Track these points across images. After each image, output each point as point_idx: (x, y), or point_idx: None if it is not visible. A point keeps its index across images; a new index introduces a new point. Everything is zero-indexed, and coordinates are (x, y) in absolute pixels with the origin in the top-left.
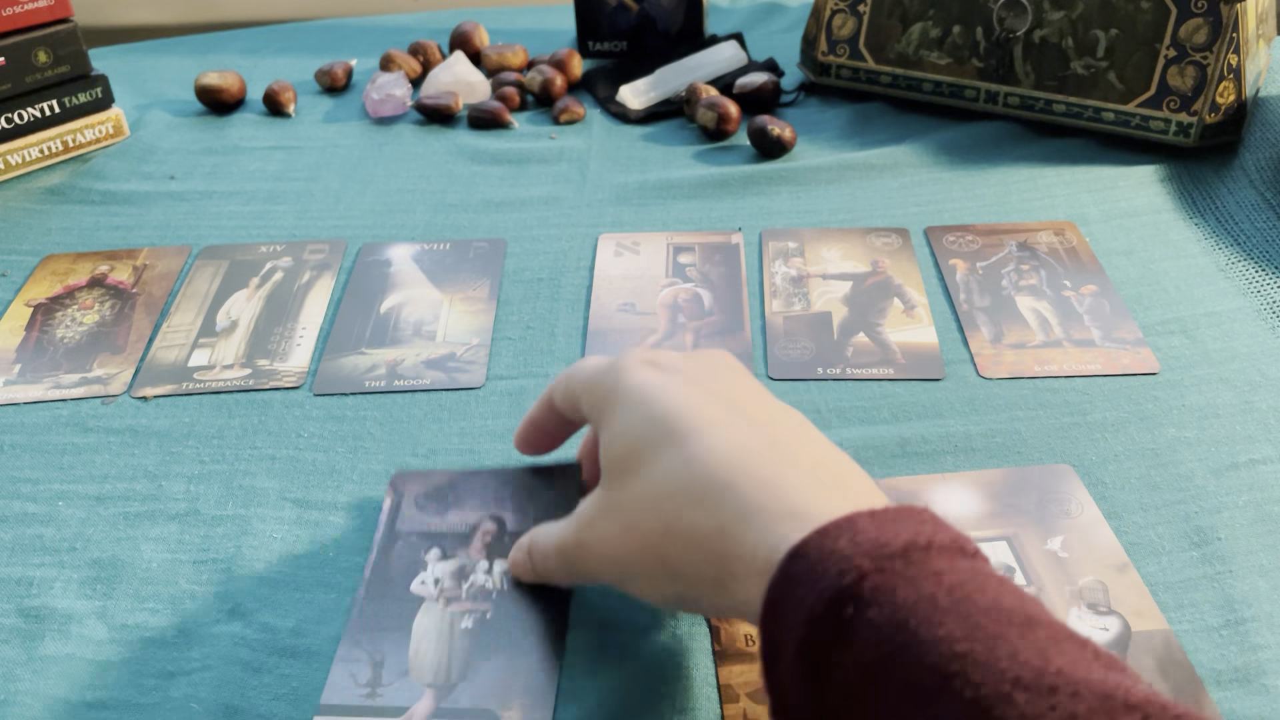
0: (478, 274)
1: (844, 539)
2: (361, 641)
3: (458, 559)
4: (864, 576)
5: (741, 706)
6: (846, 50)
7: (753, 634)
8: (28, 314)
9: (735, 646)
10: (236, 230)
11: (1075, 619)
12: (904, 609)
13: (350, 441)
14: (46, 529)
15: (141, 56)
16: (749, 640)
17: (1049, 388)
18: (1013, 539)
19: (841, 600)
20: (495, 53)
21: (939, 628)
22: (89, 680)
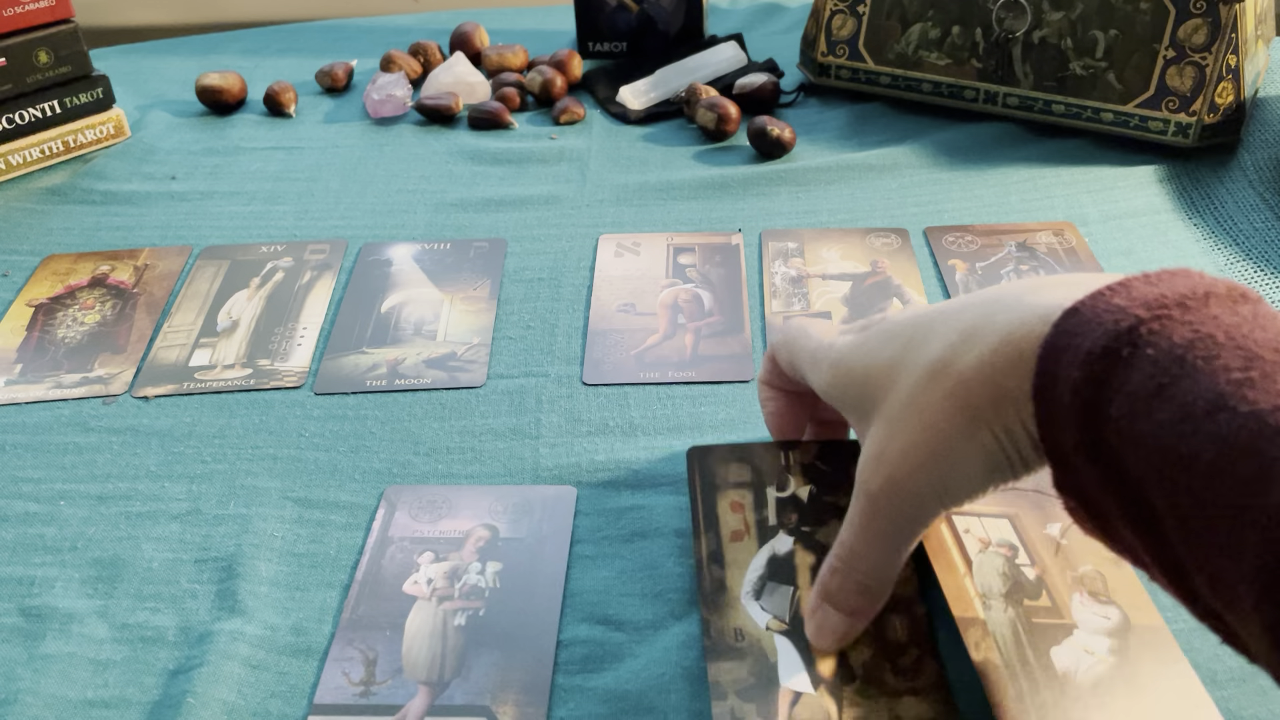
0: (478, 274)
1: (1119, 296)
2: (354, 640)
3: (450, 561)
4: (1141, 323)
5: (729, 704)
6: (846, 51)
7: (744, 628)
8: (29, 314)
9: (725, 642)
10: (237, 230)
11: (1078, 604)
12: (1181, 347)
13: (351, 441)
14: (48, 528)
15: (142, 57)
16: (738, 635)
17: None
18: (1014, 519)
19: (1117, 344)
20: (495, 53)
21: (1216, 360)
22: (90, 679)
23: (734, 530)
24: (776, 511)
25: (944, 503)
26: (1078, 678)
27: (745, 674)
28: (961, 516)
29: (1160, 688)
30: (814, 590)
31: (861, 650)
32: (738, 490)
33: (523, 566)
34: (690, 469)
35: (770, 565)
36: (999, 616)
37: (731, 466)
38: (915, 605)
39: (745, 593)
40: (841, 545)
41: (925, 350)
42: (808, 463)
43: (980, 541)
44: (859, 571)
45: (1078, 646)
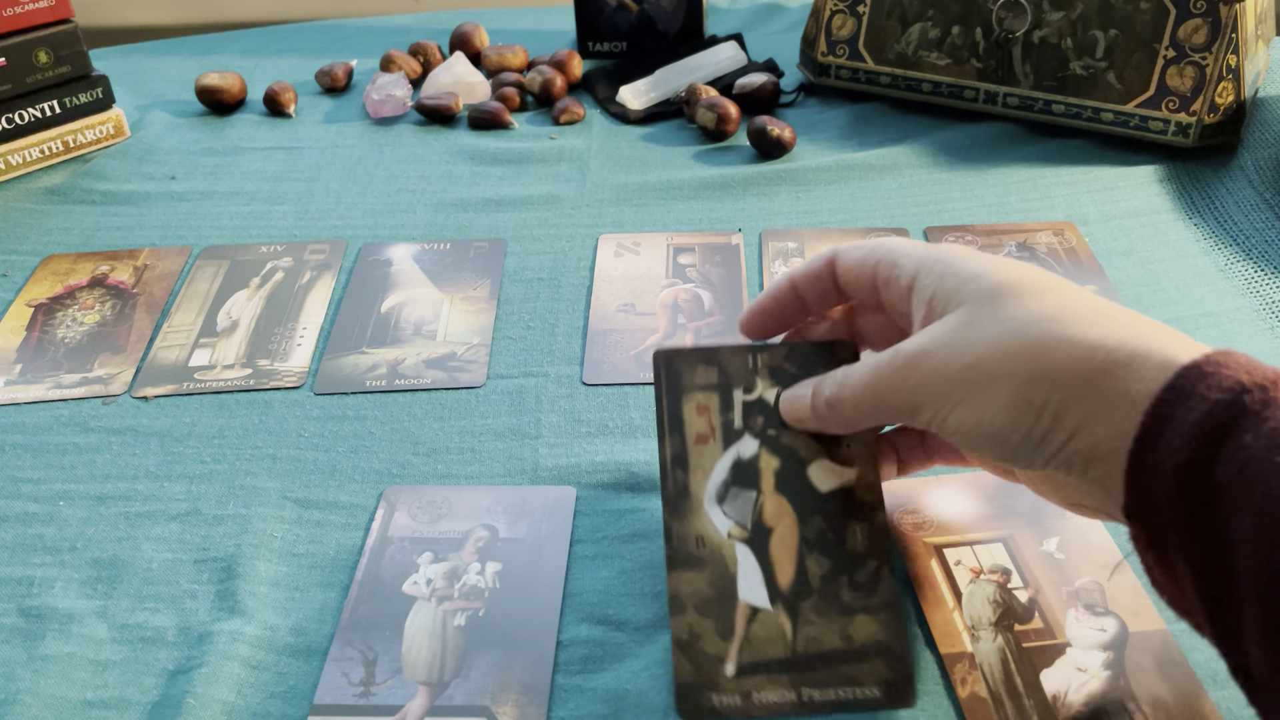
0: (478, 274)
1: (1229, 364)
2: (354, 641)
3: (450, 561)
4: (1247, 391)
5: (688, 619)
6: (846, 51)
7: (706, 535)
8: (28, 314)
9: (686, 549)
10: (237, 230)
11: (1073, 620)
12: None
13: (351, 441)
14: (47, 529)
15: (142, 57)
16: (700, 542)
17: None
18: (1008, 540)
19: (1233, 416)
20: (495, 53)
21: None
22: (89, 680)
23: (699, 433)
24: (743, 414)
25: (948, 415)
26: (1068, 698)
27: (704, 586)
28: (954, 548)
29: (1160, 690)
30: (812, 381)
31: (820, 560)
32: (704, 393)
33: (522, 567)
34: (656, 371)
35: (734, 470)
36: (987, 646)
37: (698, 369)
38: (876, 513)
39: (708, 497)
40: (844, 381)
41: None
42: (775, 365)
43: (971, 571)
44: (844, 404)
45: (1070, 665)
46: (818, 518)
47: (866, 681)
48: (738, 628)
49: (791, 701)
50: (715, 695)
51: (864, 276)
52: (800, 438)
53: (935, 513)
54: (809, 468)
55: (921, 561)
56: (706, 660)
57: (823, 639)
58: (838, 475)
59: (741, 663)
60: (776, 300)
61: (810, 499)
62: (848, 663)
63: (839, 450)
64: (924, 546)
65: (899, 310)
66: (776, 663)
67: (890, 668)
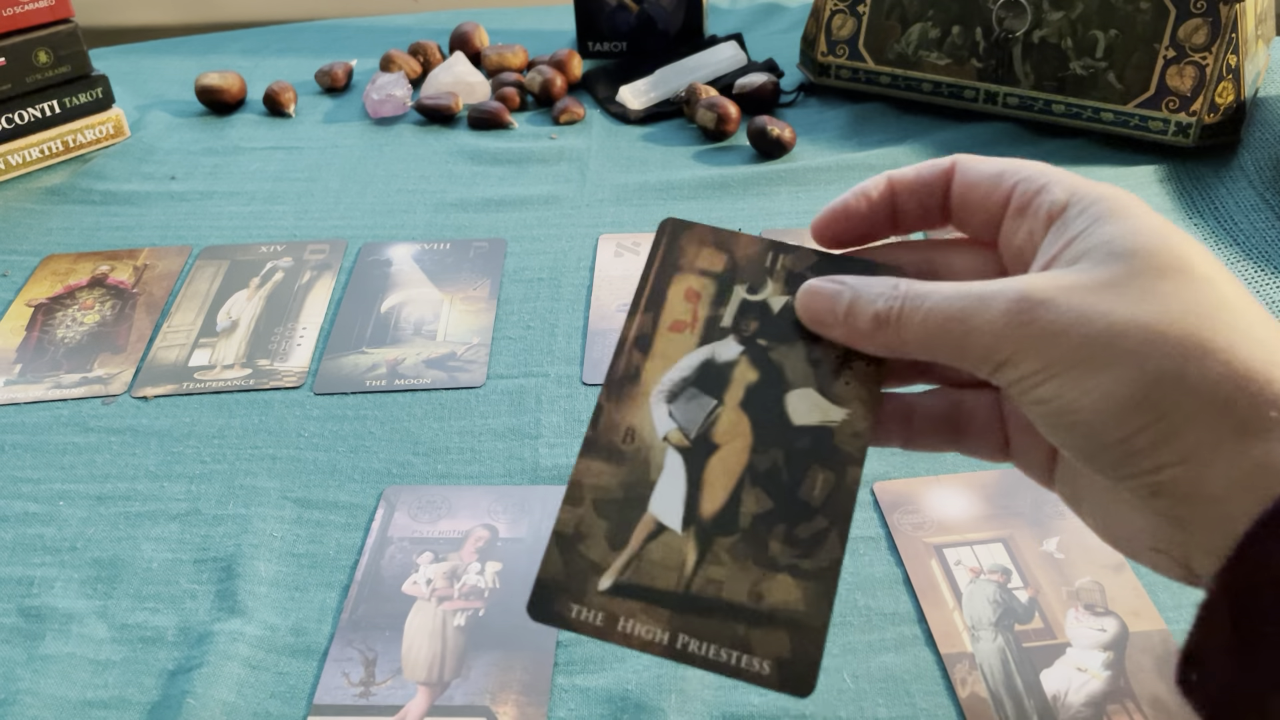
0: (478, 274)
1: None
2: (354, 641)
3: (449, 561)
4: None
5: (580, 513)
6: (846, 51)
7: (639, 429)
8: (28, 314)
9: (610, 439)
10: (237, 230)
11: (1073, 620)
12: None
13: (351, 441)
14: (47, 529)
15: (142, 57)
16: (629, 435)
17: None
18: (1008, 541)
19: None
20: (495, 53)
21: None
22: (89, 680)
23: (677, 319)
24: (736, 313)
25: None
26: (1068, 698)
27: (613, 483)
28: (954, 547)
29: (1161, 691)
30: (855, 281)
31: (760, 498)
32: (701, 278)
33: (522, 567)
34: (658, 239)
35: (702, 370)
36: (987, 647)
37: (705, 251)
38: (850, 468)
39: (659, 391)
40: (919, 295)
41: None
42: (798, 271)
43: (971, 571)
44: (905, 324)
45: (1070, 665)
46: (777, 450)
47: (759, 651)
48: (633, 541)
49: (661, 643)
50: (575, 605)
51: (993, 195)
52: (795, 358)
53: (935, 512)
54: (790, 393)
55: (921, 561)
56: (582, 564)
57: (726, 586)
58: (821, 411)
59: (621, 580)
60: (867, 202)
61: (777, 427)
62: (746, 623)
63: (834, 384)
64: (923, 546)
65: (1019, 245)
66: (661, 594)
67: (794, 645)
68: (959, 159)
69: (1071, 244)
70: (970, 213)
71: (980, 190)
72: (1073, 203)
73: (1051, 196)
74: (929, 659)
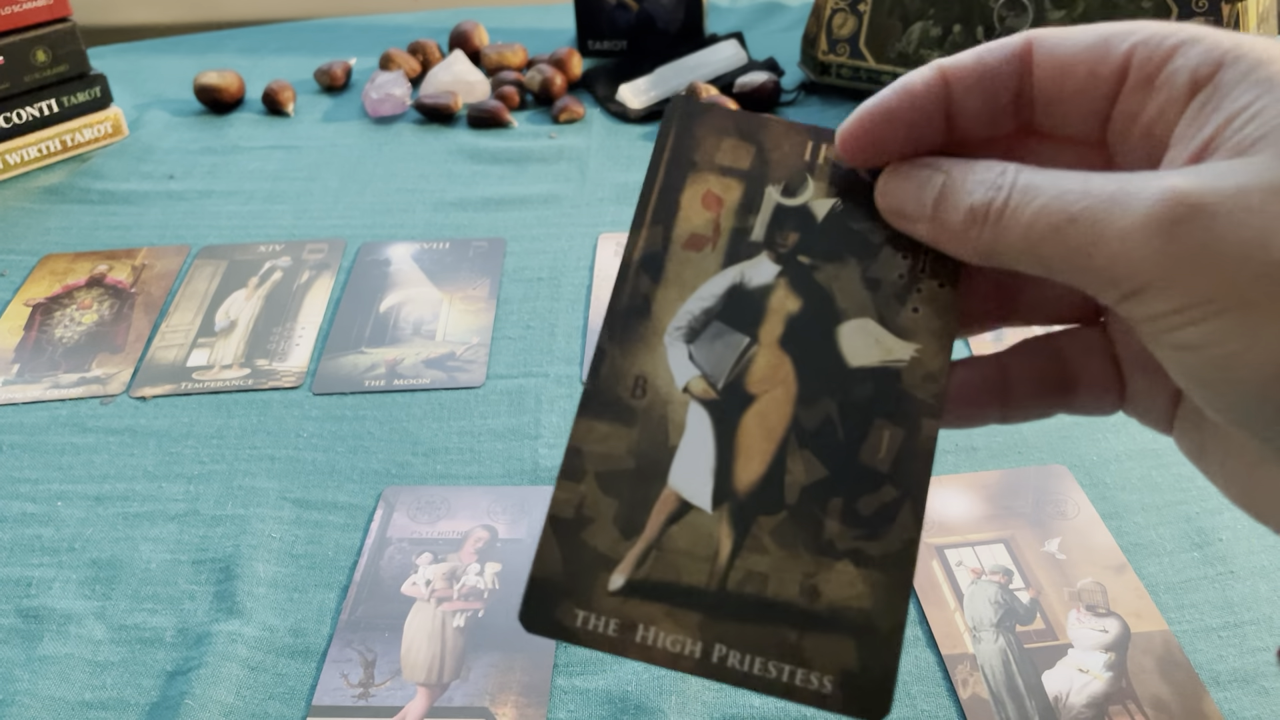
0: (477, 273)
1: None
2: (352, 642)
3: (449, 562)
4: None
5: (582, 491)
6: (847, 49)
7: (650, 378)
8: (26, 314)
9: (614, 393)
10: (235, 230)
11: (1074, 621)
12: None
13: (350, 441)
14: (45, 529)
15: (140, 56)
16: (638, 387)
17: None
18: (1010, 541)
19: None
20: (495, 52)
21: None
22: (88, 680)
23: (695, 232)
24: (770, 223)
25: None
26: (1069, 699)
27: (623, 450)
28: (955, 548)
29: (1162, 691)
30: (955, 162)
31: (811, 464)
32: (724, 178)
33: (522, 567)
34: (665, 127)
35: (729, 299)
36: (989, 648)
37: (727, 142)
38: (924, 421)
39: (675, 328)
40: (1030, 188)
41: None
42: (847, 167)
43: (972, 572)
44: (1012, 219)
45: (1072, 666)
46: (829, 401)
47: (818, 663)
48: (651, 525)
49: (691, 656)
50: (580, 611)
51: (1099, 71)
52: (848, 279)
53: (936, 513)
54: (843, 325)
55: (922, 562)
56: (587, 556)
57: (773, 580)
58: (883, 347)
59: (637, 577)
60: (910, 100)
61: (829, 370)
62: (799, 627)
63: (899, 311)
64: (924, 547)
65: (1145, 128)
66: (690, 593)
67: (862, 654)
68: (1035, 35)
69: (1234, 124)
70: (1065, 104)
71: (1079, 69)
72: (1228, 63)
73: (1193, 57)
74: (930, 660)
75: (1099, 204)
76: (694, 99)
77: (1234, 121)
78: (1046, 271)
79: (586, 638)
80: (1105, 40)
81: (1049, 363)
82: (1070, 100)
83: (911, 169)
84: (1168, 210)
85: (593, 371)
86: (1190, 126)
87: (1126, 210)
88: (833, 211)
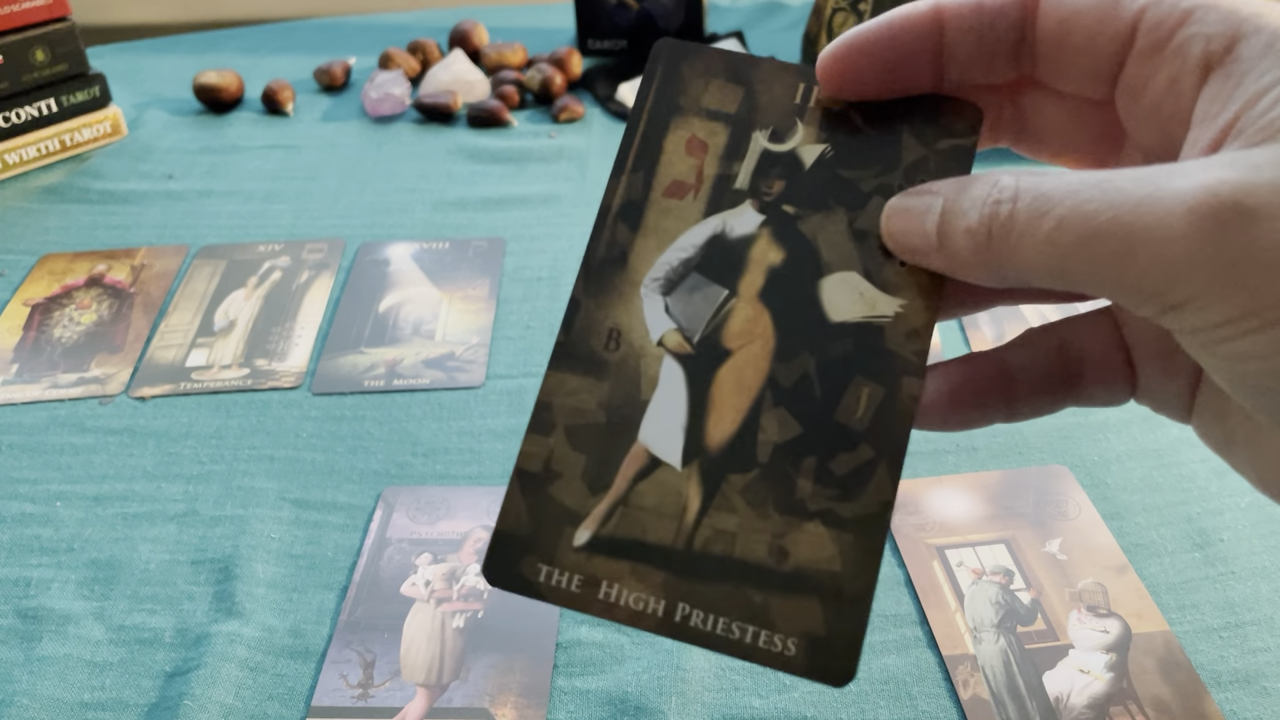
0: (477, 273)
1: None
2: (352, 643)
3: (448, 563)
4: None
5: (550, 444)
6: None
7: (625, 330)
8: (25, 314)
9: (588, 345)
10: (234, 229)
11: (1075, 621)
12: None
13: (349, 441)
14: (44, 529)
15: (139, 55)
16: (612, 339)
17: None
18: (1011, 542)
19: None
20: (494, 51)
21: None
22: (86, 681)
23: (676, 179)
24: (755, 169)
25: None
26: (1070, 700)
27: (593, 404)
28: (956, 548)
29: (1163, 692)
30: (949, 183)
31: (786, 422)
32: (709, 122)
33: None
34: (650, 70)
35: (709, 249)
36: (989, 648)
37: (714, 85)
38: (905, 380)
39: (652, 279)
40: (1040, 197)
41: None
42: (839, 110)
43: (973, 573)
44: (1029, 239)
45: (1073, 667)
46: (808, 356)
47: (783, 625)
48: (619, 480)
49: (654, 614)
50: (543, 565)
51: (1105, 29)
52: (833, 230)
53: (937, 513)
54: (826, 278)
55: (923, 563)
56: (553, 511)
57: (740, 539)
58: (867, 302)
59: (603, 533)
60: (890, 35)
61: (809, 325)
62: (765, 588)
63: (885, 265)
64: (925, 547)
65: (1154, 100)
66: (656, 551)
67: (829, 618)
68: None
69: (1260, 104)
70: (1068, 61)
71: (1085, 23)
72: (1247, 34)
73: (1208, 25)
74: (931, 661)
75: (1127, 212)
76: (677, 40)
77: (1260, 101)
78: (1072, 287)
79: (549, 593)
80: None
81: (1053, 355)
82: (1073, 57)
83: (908, 200)
84: (1210, 215)
85: (565, 323)
86: (1212, 105)
87: (1160, 218)
88: (821, 158)
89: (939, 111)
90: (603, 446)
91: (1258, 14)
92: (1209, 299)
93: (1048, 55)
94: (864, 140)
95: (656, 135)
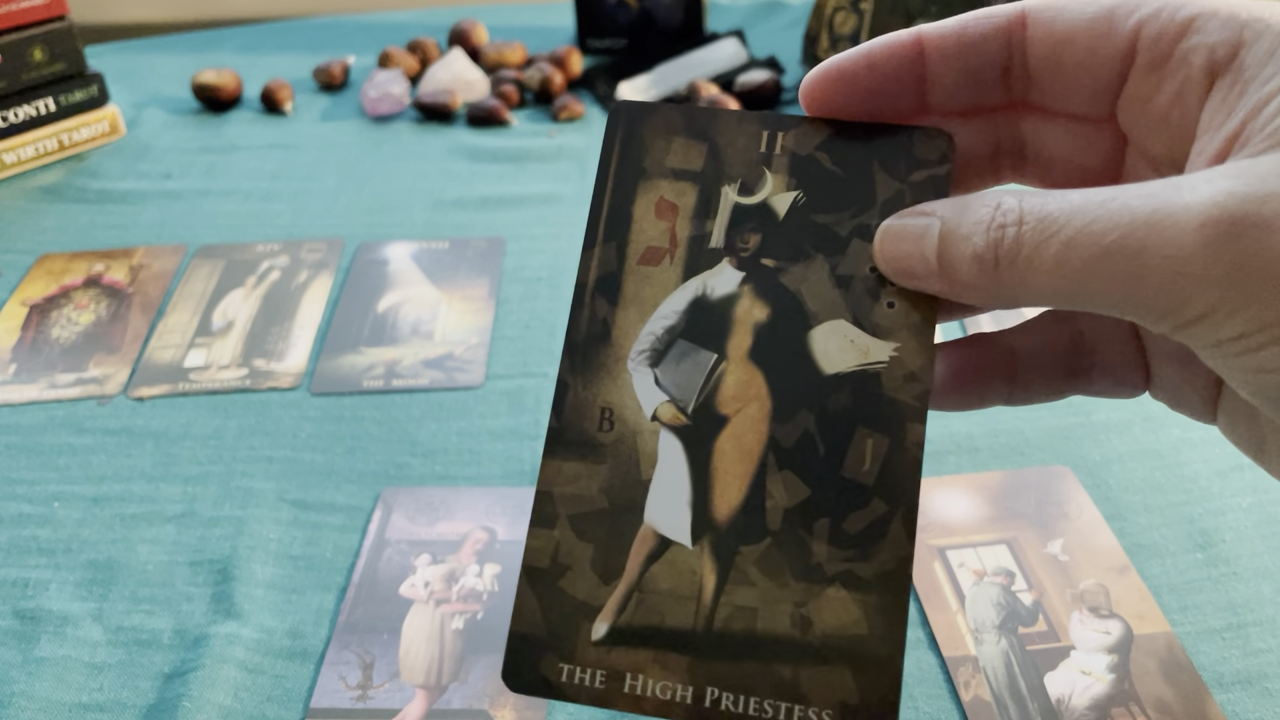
0: (476, 273)
1: None
2: (350, 644)
3: (447, 563)
4: None
5: (556, 537)
6: (848, 48)
7: (618, 409)
8: (23, 314)
9: (581, 427)
10: (233, 229)
11: (1077, 622)
12: None
13: (348, 442)
14: (42, 530)
15: (138, 54)
16: (606, 419)
17: None
18: (1012, 542)
19: None
20: (494, 50)
21: None
22: (85, 682)
23: (650, 245)
24: (729, 225)
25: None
26: (1072, 701)
27: (594, 490)
28: (957, 549)
29: (1165, 693)
30: (949, 204)
31: (793, 485)
32: (676, 183)
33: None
34: (609, 134)
35: (692, 314)
36: (991, 650)
37: (676, 143)
38: (910, 426)
39: (639, 352)
40: (1046, 219)
41: None
42: (805, 153)
43: (975, 574)
44: (1039, 263)
45: (1074, 668)
46: (806, 413)
47: (816, 698)
48: (630, 566)
49: (683, 703)
50: (564, 665)
51: (1103, 48)
52: (816, 278)
53: (938, 514)
54: (815, 330)
55: (924, 564)
56: (567, 606)
57: (761, 613)
58: (859, 349)
59: (620, 623)
60: (870, 65)
61: (804, 380)
62: (793, 661)
63: (873, 308)
64: (926, 549)
65: (1160, 114)
66: (677, 635)
67: (861, 684)
68: (1031, 4)
69: (1265, 112)
70: (1066, 83)
71: (1080, 44)
72: (1249, 41)
73: (1210, 34)
74: (932, 662)
75: (1136, 231)
76: (634, 101)
77: (1265, 109)
78: (1082, 308)
79: (573, 692)
80: (1109, 14)
81: (1065, 343)
82: (1072, 78)
83: (903, 222)
84: (1220, 229)
85: (556, 407)
86: (1217, 113)
87: (1170, 235)
88: (794, 206)
89: (909, 143)
90: (610, 533)
91: (1259, 18)
92: (1224, 314)
93: (1044, 78)
94: (835, 181)
95: (624, 202)
